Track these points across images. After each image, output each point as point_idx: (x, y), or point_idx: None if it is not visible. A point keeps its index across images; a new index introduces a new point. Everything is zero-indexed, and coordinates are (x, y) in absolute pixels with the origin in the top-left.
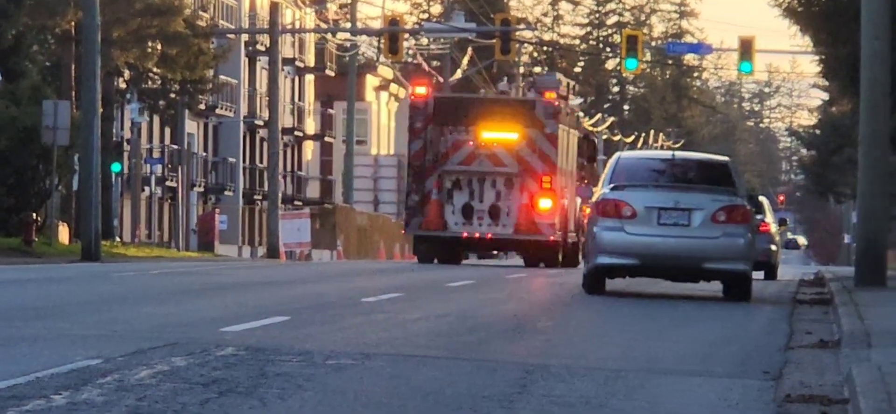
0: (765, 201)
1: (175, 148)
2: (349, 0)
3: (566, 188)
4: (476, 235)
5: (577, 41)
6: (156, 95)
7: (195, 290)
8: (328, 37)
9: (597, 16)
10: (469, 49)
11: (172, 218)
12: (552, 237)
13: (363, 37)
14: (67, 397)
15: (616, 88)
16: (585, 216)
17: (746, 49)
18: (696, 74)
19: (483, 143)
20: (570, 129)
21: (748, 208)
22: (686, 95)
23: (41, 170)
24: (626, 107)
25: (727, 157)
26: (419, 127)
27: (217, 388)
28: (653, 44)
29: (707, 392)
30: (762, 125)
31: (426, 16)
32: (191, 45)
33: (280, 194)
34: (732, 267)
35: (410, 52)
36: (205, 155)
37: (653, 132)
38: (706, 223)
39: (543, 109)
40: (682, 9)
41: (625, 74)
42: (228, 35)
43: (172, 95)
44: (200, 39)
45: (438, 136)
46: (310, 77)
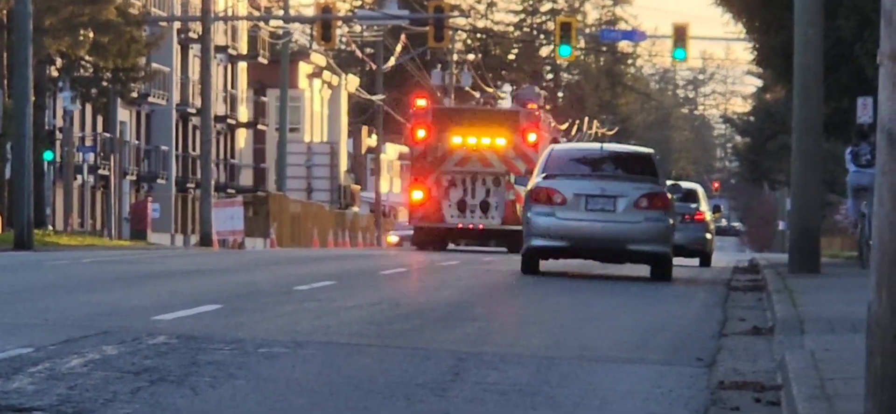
0: (700, 190)
1: (107, 136)
2: None
3: None
4: (469, 225)
5: (511, 28)
6: (88, 83)
7: (127, 278)
8: (261, 24)
9: (530, 3)
10: (402, 36)
11: (105, 206)
12: None
13: (296, 24)
14: None
15: (550, 76)
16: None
17: (680, 36)
18: (631, 61)
19: (475, 148)
20: (546, 134)
21: (668, 196)
22: (620, 83)
23: None
24: (561, 94)
25: (651, 150)
26: (420, 134)
27: (148, 376)
28: (587, 31)
29: (641, 379)
30: (697, 112)
31: (359, 3)
32: (123, 33)
33: (213, 182)
34: (653, 249)
35: (343, 40)
36: (137, 143)
37: (587, 119)
38: (629, 209)
39: (526, 118)
40: None
41: (559, 61)
42: (161, 23)
43: (104, 83)
44: (132, 27)
45: (437, 142)
46: (242, 64)
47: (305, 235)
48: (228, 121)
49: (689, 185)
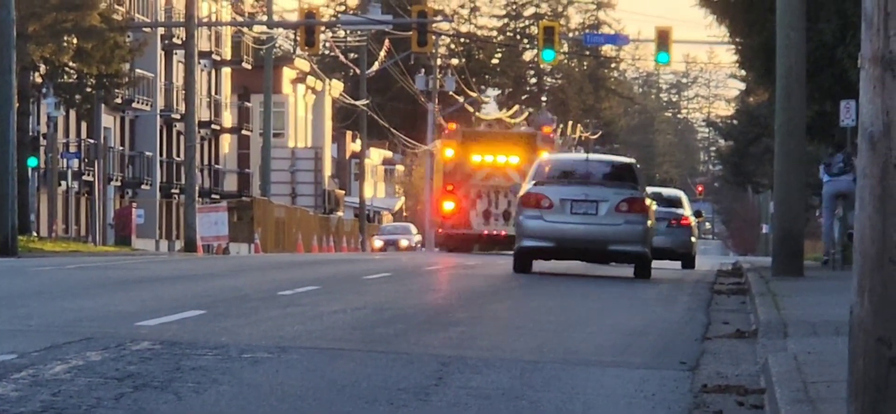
0: (683, 197)
1: (91, 142)
2: None
3: None
4: (494, 232)
5: (495, 33)
6: (72, 90)
7: (111, 284)
8: (244, 30)
9: (514, 7)
10: (386, 41)
11: (89, 212)
12: None
13: (280, 30)
14: None
15: (533, 80)
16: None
17: (663, 40)
18: (614, 65)
19: (498, 165)
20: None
21: (646, 201)
22: (604, 86)
23: None
24: (544, 98)
25: (632, 159)
26: (449, 153)
27: (132, 382)
28: (570, 35)
29: (624, 383)
30: (680, 116)
31: (343, 8)
32: (106, 40)
33: (197, 188)
34: (632, 249)
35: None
36: (121, 149)
37: (570, 123)
38: (610, 213)
39: (542, 140)
40: (599, 0)
41: (542, 66)
42: (144, 28)
43: (88, 90)
44: (116, 33)
45: (464, 160)
46: (226, 70)
47: (290, 240)
48: (212, 126)
49: (674, 192)
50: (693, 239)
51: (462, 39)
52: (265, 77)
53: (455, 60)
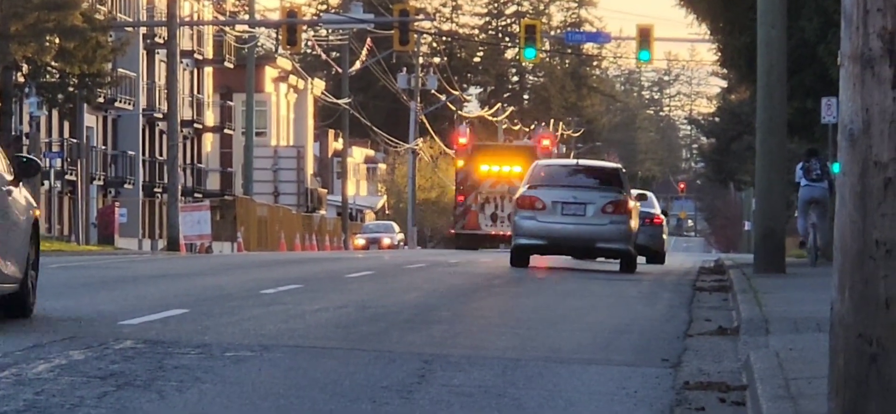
0: (652, 196)
1: (74, 142)
2: None
3: None
4: (500, 232)
5: (476, 31)
6: (54, 89)
7: (94, 283)
8: (226, 29)
9: (495, 6)
10: (368, 40)
11: (72, 212)
12: None
13: (261, 28)
14: None
15: (515, 78)
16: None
17: (645, 37)
18: (596, 63)
19: (503, 175)
20: None
21: (630, 203)
22: (585, 84)
23: None
24: (526, 96)
25: (618, 165)
26: (462, 164)
27: (115, 381)
28: (552, 33)
29: (606, 380)
30: (662, 113)
31: (324, 7)
32: (89, 39)
33: (180, 187)
34: (617, 246)
35: (309, 44)
36: (104, 148)
37: (553, 121)
38: (597, 214)
39: (542, 152)
40: None
41: (524, 64)
42: (126, 28)
43: (71, 89)
44: (98, 33)
45: (475, 170)
46: (208, 69)
47: (272, 238)
48: (195, 125)
49: (643, 192)
50: (665, 236)
51: (444, 38)
52: (247, 76)
53: (437, 59)
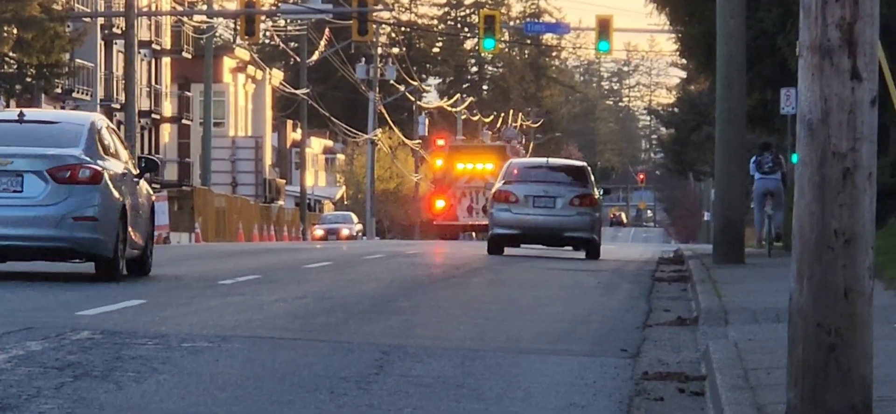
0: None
1: None
2: None
3: None
4: (476, 223)
5: (435, 22)
6: (12, 80)
7: (51, 274)
8: (185, 19)
9: None
10: (326, 30)
11: None
12: None
13: (220, 19)
14: None
15: (474, 69)
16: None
17: (604, 28)
18: (555, 54)
19: (477, 171)
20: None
21: (595, 197)
22: (545, 75)
23: None
24: (485, 87)
25: (584, 163)
26: (439, 163)
27: (72, 371)
28: (511, 23)
29: (565, 370)
30: (621, 104)
31: None
32: (46, 29)
33: None
34: (583, 235)
35: (267, 34)
36: None
37: (512, 112)
38: (565, 206)
39: (510, 150)
40: None
41: (483, 55)
42: (84, 18)
43: (29, 79)
44: (56, 23)
45: (452, 167)
46: (166, 60)
47: (231, 229)
48: (153, 116)
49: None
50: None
51: (403, 28)
52: (205, 66)
53: (396, 49)
